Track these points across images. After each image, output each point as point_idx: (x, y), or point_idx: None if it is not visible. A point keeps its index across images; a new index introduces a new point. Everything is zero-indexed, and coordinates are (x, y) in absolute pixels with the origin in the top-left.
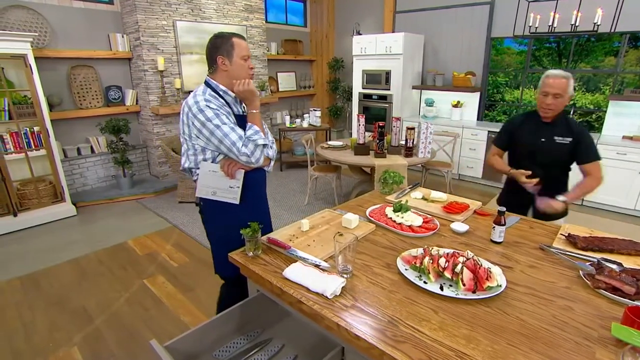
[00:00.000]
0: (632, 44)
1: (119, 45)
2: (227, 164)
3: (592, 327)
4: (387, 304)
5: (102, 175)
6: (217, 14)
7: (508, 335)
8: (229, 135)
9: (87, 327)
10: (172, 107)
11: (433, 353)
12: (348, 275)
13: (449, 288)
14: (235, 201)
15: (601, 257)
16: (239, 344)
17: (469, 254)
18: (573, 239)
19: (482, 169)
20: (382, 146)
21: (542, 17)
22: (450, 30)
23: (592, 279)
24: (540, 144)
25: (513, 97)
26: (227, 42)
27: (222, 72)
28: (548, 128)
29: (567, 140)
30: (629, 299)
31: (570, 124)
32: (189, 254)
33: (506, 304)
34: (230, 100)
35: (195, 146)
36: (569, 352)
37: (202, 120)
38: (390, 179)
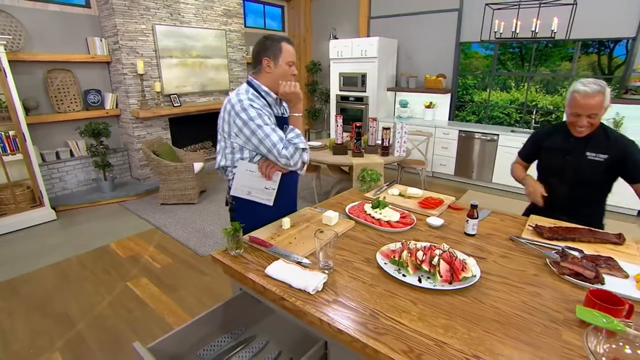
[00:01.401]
0: (584, 50)
1: (98, 49)
2: (266, 165)
3: (558, 310)
4: (367, 298)
5: (82, 179)
6: (197, 19)
7: (484, 323)
8: (270, 136)
9: (69, 332)
10: (152, 110)
11: (413, 343)
12: (329, 271)
13: (427, 280)
14: (270, 202)
15: (565, 246)
16: (223, 342)
17: (444, 247)
18: (540, 230)
19: (455, 166)
20: (360, 146)
21: (506, 24)
22: (422, 35)
23: (557, 266)
24: (568, 160)
25: (481, 98)
26: (275, 46)
27: (266, 74)
28: (579, 142)
29: (601, 158)
30: (590, 283)
31: (609, 137)
32: (172, 255)
33: (481, 293)
34: (272, 101)
35: (233, 144)
36: (539, 335)
37: (244, 119)
38: (368, 176)
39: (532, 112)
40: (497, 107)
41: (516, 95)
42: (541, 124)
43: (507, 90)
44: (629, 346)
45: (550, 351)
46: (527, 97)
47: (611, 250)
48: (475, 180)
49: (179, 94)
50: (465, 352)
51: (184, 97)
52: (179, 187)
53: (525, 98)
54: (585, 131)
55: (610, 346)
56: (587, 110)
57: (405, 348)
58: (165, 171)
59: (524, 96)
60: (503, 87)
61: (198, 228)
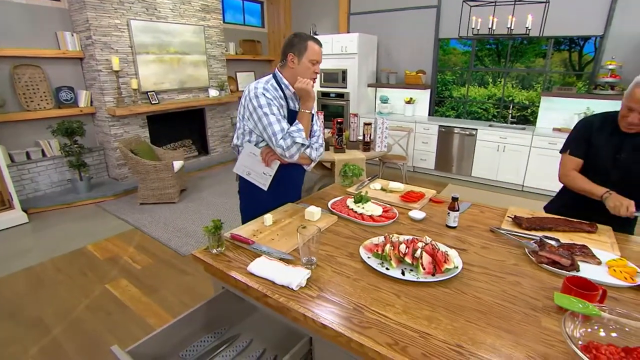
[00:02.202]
0: (556, 47)
1: (69, 44)
2: (267, 152)
3: (537, 298)
4: (351, 292)
5: (56, 180)
6: (174, 14)
7: (466, 313)
8: (272, 125)
9: (44, 338)
10: (129, 108)
11: (398, 336)
12: (313, 267)
13: (410, 273)
14: (264, 187)
15: (542, 235)
16: (206, 342)
17: (427, 239)
18: (518, 221)
19: (435, 161)
20: (341, 141)
21: (483, 21)
22: (401, 31)
23: (536, 255)
24: (619, 159)
25: (460, 94)
26: (302, 43)
27: (289, 69)
28: (631, 139)
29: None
30: (566, 270)
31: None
32: (153, 255)
33: (463, 283)
34: (289, 94)
35: (245, 126)
36: (519, 323)
37: (255, 105)
38: (350, 172)
39: (508, 107)
40: (475, 103)
41: (493, 91)
42: (518, 119)
43: (484, 86)
44: (603, 329)
45: (530, 338)
46: (504, 93)
47: (585, 239)
48: (455, 174)
49: (157, 91)
50: (449, 342)
51: (162, 95)
52: (158, 187)
53: (502, 93)
54: (635, 129)
55: (586, 330)
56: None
57: (390, 341)
58: (144, 170)
59: (501, 91)
60: (481, 82)
61: (179, 227)
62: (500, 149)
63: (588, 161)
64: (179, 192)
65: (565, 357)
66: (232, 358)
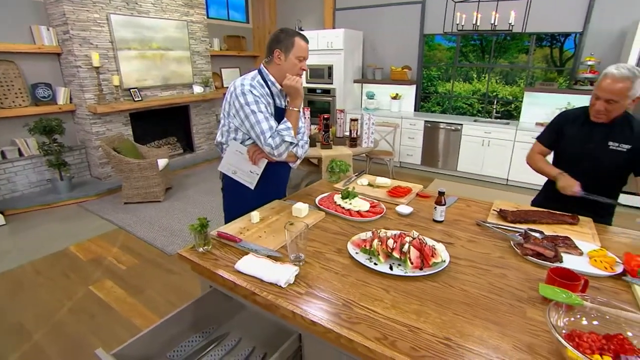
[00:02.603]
0: (538, 43)
1: (45, 39)
2: (254, 150)
3: (522, 289)
4: (340, 288)
5: (34, 180)
6: (155, 8)
7: (454, 306)
8: (260, 123)
9: (25, 343)
10: (111, 105)
11: (387, 330)
12: (301, 263)
13: (398, 267)
14: (251, 186)
15: (527, 228)
16: (194, 341)
17: (414, 234)
18: (504, 214)
19: (421, 156)
20: (328, 138)
21: (467, 17)
22: (387, 27)
23: (521, 247)
24: (588, 149)
25: (445, 89)
26: (289, 39)
27: (275, 65)
28: (602, 130)
29: (623, 148)
30: (550, 262)
31: (632, 128)
32: (138, 255)
33: (450, 277)
34: (276, 91)
35: (230, 124)
36: (505, 314)
37: (241, 102)
38: (337, 167)
39: (493, 102)
40: (460, 98)
41: (478, 86)
42: (502, 114)
43: (469, 82)
44: (585, 318)
45: (516, 329)
46: (488, 88)
47: (567, 230)
48: (441, 169)
49: (140, 88)
50: (438, 335)
51: (145, 91)
52: (143, 185)
53: (487, 89)
54: (601, 117)
55: (569, 319)
56: (605, 94)
57: (379, 335)
58: (128, 169)
59: (485, 87)
60: (465, 78)
61: (165, 226)
62: (485, 143)
63: (561, 151)
64: (164, 190)
65: (549, 346)
66: (221, 357)
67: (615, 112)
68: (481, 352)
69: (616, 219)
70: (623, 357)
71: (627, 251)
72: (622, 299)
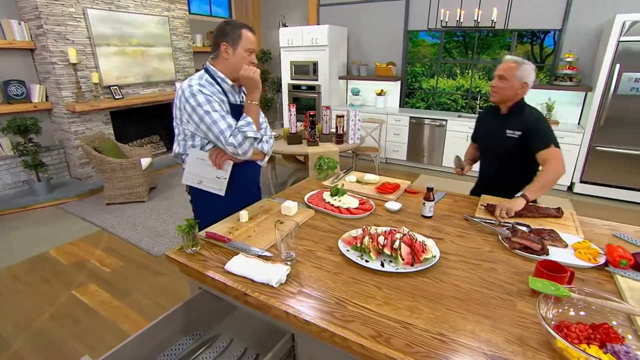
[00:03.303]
0: (519, 40)
1: (16, 34)
2: (216, 153)
3: (512, 283)
4: (332, 286)
5: (9, 182)
6: (135, 3)
7: (446, 301)
8: (217, 122)
9: (3, 353)
10: (90, 103)
11: (381, 327)
12: (292, 262)
13: (389, 264)
14: (221, 192)
15: (514, 222)
16: (185, 344)
17: (404, 230)
18: (491, 208)
19: (407, 152)
20: (314, 134)
21: (451, 13)
22: (371, 23)
23: (509, 241)
24: (491, 136)
25: (429, 85)
26: (235, 32)
27: (223, 60)
28: (502, 120)
29: (516, 134)
30: (537, 255)
31: (524, 116)
32: (122, 257)
33: (441, 272)
34: (227, 88)
35: (185, 131)
36: (496, 307)
37: (192, 105)
38: (325, 165)
39: (476, 97)
40: (444, 94)
41: (461, 82)
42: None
43: (453, 78)
44: (573, 309)
45: (506, 322)
46: (472, 84)
47: (552, 223)
48: (426, 165)
49: (121, 86)
50: (431, 330)
51: (127, 89)
52: (125, 185)
53: (470, 85)
54: (495, 95)
55: (557, 311)
56: (498, 71)
57: (373, 333)
58: (110, 169)
59: (469, 83)
60: (449, 74)
61: (150, 227)
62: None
63: (478, 144)
64: (148, 190)
65: (539, 338)
66: (213, 359)
67: (505, 90)
68: (473, 346)
69: (619, 214)
70: (609, 346)
71: (608, 243)
72: (605, 289)
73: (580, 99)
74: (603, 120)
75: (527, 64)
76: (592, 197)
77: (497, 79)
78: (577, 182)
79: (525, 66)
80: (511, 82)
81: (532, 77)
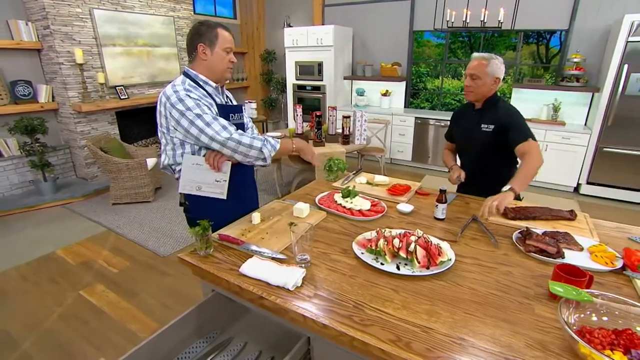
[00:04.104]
0: (525, 40)
1: (23, 34)
2: (213, 155)
3: (528, 286)
4: (349, 290)
5: (16, 182)
6: (141, 3)
7: (464, 305)
8: (211, 124)
9: (12, 353)
10: (96, 103)
11: (401, 332)
12: (307, 265)
13: (404, 267)
14: (223, 196)
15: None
16: (198, 348)
17: (419, 233)
18: (504, 211)
19: (412, 152)
20: (320, 135)
21: (457, 13)
22: (377, 23)
23: (524, 244)
24: (468, 132)
25: (434, 86)
26: (211, 32)
27: (202, 62)
28: (476, 115)
29: (489, 128)
30: (553, 258)
31: (497, 110)
32: (129, 257)
33: (457, 275)
34: (212, 90)
35: (173, 140)
36: (514, 311)
37: (180, 109)
38: (335, 166)
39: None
40: (449, 94)
41: None
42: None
43: (457, 78)
44: (595, 314)
45: (526, 326)
46: None
47: (565, 226)
48: (430, 165)
49: (126, 86)
50: (451, 335)
51: (132, 89)
52: (131, 185)
53: None
54: (470, 94)
55: (579, 316)
56: (469, 70)
57: (393, 337)
58: (116, 169)
59: None
60: (454, 74)
61: (156, 227)
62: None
63: (456, 142)
64: (153, 190)
65: (560, 343)
66: None
67: (480, 88)
68: (495, 351)
69: (627, 216)
70: (634, 352)
71: (625, 246)
72: (624, 293)
73: (587, 99)
74: (611, 120)
75: (496, 59)
76: (598, 198)
77: (469, 78)
78: (584, 184)
79: (494, 61)
80: (484, 79)
81: (502, 70)
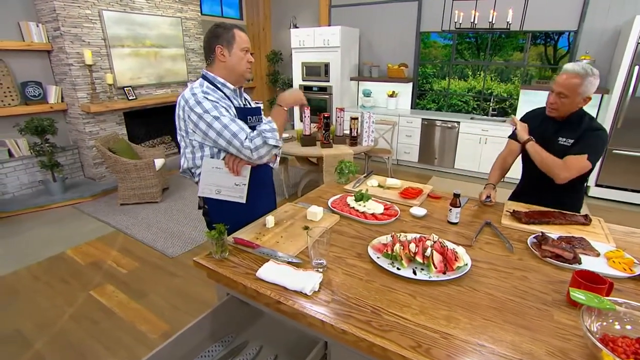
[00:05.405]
0: (533, 41)
1: (34, 36)
2: (232, 159)
3: (546, 292)
4: (366, 295)
5: (26, 182)
6: (149, 5)
7: (482, 311)
8: (229, 126)
9: (25, 353)
10: (104, 104)
11: (420, 338)
12: (323, 269)
13: (421, 272)
14: (242, 200)
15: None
16: (214, 352)
17: (434, 237)
18: (518, 215)
19: (418, 154)
20: (328, 136)
21: (465, 15)
22: (383, 24)
23: (540, 249)
24: (541, 140)
25: (441, 87)
26: (228, 33)
27: (220, 63)
28: (555, 126)
29: (568, 142)
30: (569, 264)
31: (582, 125)
32: (138, 258)
33: (474, 281)
34: (230, 92)
35: (192, 143)
36: (533, 318)
37: (199, 112)
38: (346, 168)
39: (488, 99)
40: (455, 95)
41: (473, 84)
42: (497, 111)
43: (464, 79)
44: (618, 322)
45: (546, 333)
46: (484, 85)
47: (580, 231)
48: (437, 167)
49: (134, 86)
50: (471, 341)
51: (140, 90)
52: (139, 186)
53: (483, 86)
54: (553, 112)
55: (602, 324)
56: (557, 87)
57: (412, 343)
58: (124, 169)
59: (481, 84)
60: (461, 75)
61: (164, 228)
62: (482, 141)
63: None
64: (161, 191)
65: (582, 350)
66: None
67: (565, 107)
68: (516, 359)
69: (630, 218)
70: None
71: None
72: None
73: (596, 101)
74: (620, 122)
75: (592, 76)
76: (607, 200)
77: (555, 95)
78: (593, 186)
79: (590, 79)
80: (573, 99)
81: (595, 87)
